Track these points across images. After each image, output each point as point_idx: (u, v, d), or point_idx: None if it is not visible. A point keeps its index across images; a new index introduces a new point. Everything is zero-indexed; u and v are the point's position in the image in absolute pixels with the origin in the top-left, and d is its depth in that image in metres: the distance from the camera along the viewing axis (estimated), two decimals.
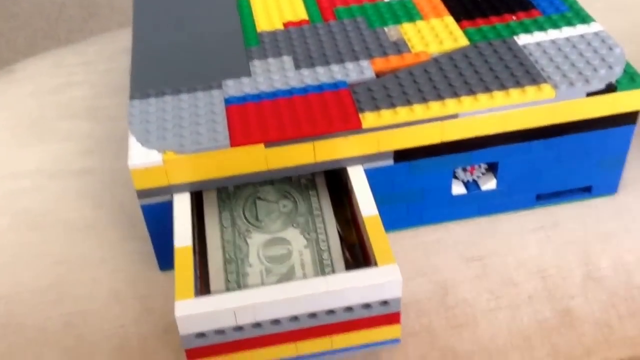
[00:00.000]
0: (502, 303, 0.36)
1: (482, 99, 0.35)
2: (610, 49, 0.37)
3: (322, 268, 0.33)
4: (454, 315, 0.36)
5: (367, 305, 0.30)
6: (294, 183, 0.37)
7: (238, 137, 0.34)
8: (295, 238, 0.35)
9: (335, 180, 0.38)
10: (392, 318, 0.31)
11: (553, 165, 0.38)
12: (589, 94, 0.35)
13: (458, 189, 0.38)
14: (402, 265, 0.32)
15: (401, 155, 0.36)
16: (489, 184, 0.38)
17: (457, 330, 0.35)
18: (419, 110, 0.35)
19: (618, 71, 0.36)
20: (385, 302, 0.30)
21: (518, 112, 0.35)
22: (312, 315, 0.30)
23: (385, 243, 0.31)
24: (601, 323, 0.35)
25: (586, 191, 0.39)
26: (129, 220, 0.43)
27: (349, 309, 0.30)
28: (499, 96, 0.35)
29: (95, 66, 0.55)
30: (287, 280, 0.33)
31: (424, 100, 0.35)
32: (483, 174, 0.38)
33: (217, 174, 0.35)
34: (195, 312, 0.29)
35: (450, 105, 0.35)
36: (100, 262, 0.40)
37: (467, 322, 0.35)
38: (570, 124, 0.36)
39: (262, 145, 0.34)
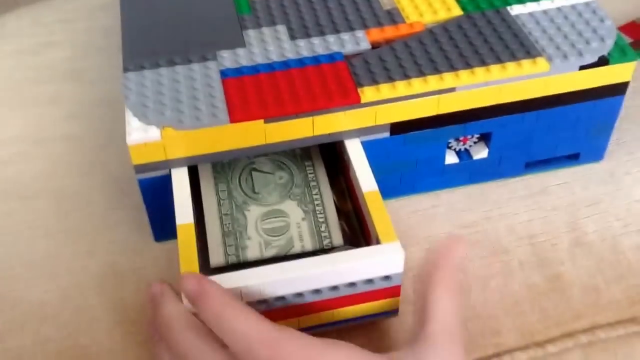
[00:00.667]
0: (494, 269, 0.37)
1: (479, 72, 0.35)
2: (602, 20, 0.37)
3: (321, 240, 0.34)
4: None
5: (369, 281, 0.31)
6: (289, 154, 0.37)
7: (237, 113, 0.33)
8: (293, 210, 0.35)
9: (328, 149, 0.38)
10: (393, 291, 0.32)
11: (543, 135, 0.38)
12: (582, 67, 0.36)
13: (451, 158, 0.39)
14: (397, 234, 0.33)
15: (398, 128, 0.36)
16: (481, 153, 0.38)
17: None
18: (417, 85, 0.34)
19: (609, 44, 0.36)
20: (387, 277, 0.31)
21: (513, 85, 0.35)
22: (316, 291, 0.31)
23: (386, 219, 0.32)
24: (589, 288, 0.36)
25: (574, 158, 0.40)
26: (119, 187, 0.42)
27: (352, 284, 0.31)
28: (495, 70, 0.35)
29: (74, 24, 0.52)
30: (285, 252, 0.33)
31: (421, 73, 0.35)
32: (475, 143, 0.39)
33: (215, 148, 0.34)
34: None
35: (448, 79, 0.35)
36: (93, 233, 0.40)
37: (460, 289, 0.36)
38: (563, 95, 0.37)
39: (261, 121, 0.34)
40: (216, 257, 0.33)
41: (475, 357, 0.34)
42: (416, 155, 0.37)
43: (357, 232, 0.35)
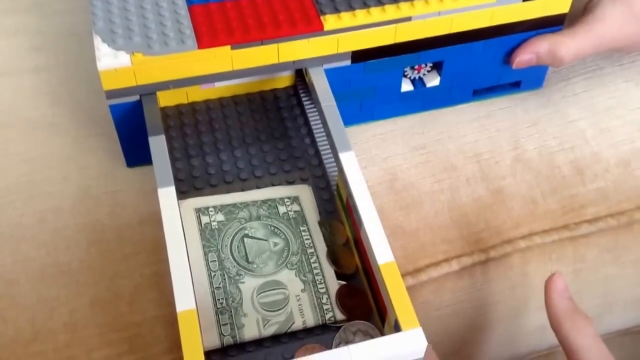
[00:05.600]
0: (444, 185, 0.38)
1: (433, 2, 0.35)
2: None
3: (323, 314, 0.30)
4: (402, 197, 0.38)
5: None
6: (283, 217, 0.33)
7: (205, 39, 0.33)
8: (291, 280, 0.30)
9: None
10: None
11: (489, 64, 0.39)
12: None
13: (406, 86, 0.39)
14: (357, 157, 0.31)
15: (358, 56, 0.36)
16: (434, 81, 0.39)
17: (404, 210, 0.37)
18: (375, 13, 0.34)
19: None
20: None
21: (463, 15, 0.36)
22: None
23: (405, 298, 0.27)
24: (527, 199, 0.38)
25: (516, 86, 0.41)
26: (89, 117, 0.41)
27: None
28: (447, 0, 0.35)
29: None
30: (286, 329, 0.29)
31: (379, 3, 0.35)
32: (428, 71, 0.39)
33: (184, 74, 0.34)
34: None
35: (404, 8, 0.35)
36: (67, 160, 0.39)
37: (413, 203, 0.37)
38: (507, 25, 0.37)
39: (228, 47, 0.33)
40: (210, 339, 0.29)
41: (426, 262, 0.36)
42: (375, 82, 0.38)
43: (368, 296, 0.31)
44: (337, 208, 0.34)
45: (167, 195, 0.30)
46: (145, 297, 0.34)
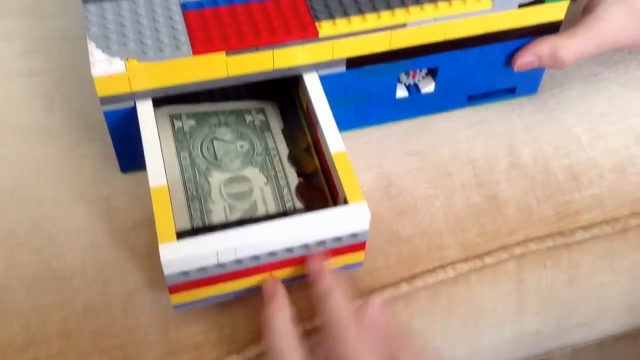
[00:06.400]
0: (439, 191, 0.38)
1: (428, 9, 0.35)
2: None
3: (284, 203, 0.33)
4: (397, 203, 0.38)
5: (338, 239, 0.31)
6: (249, 125, 0.36)
7: (200, 45, 0.33)
8: (255, 176, 0.34)
9: (284, 88, 0.37)
10: (359, 246, 0.32)
11: (484, 70, 0.39)
12: (521, 5, 0.36)
13: (401, 92, 0.39)
14: (351, 162, 0.32)
15: (353, 62, 0.36)
16: (428, 87, 0.39)
17: (399, 216, 0.37)
18: (370, 20, 0.34)
19: None
20: (354, 235, 0.31)
21: (458, 22, 0.36)
22: (289, 249, 0.31)
23: (353, 180, 0.31)
24: (522, 205, 0.38)
25: (511, 92, 0.41)
26: (82, 122, 0.41)
27: (322, 242, 0.31)
28: (442, 6, 0.35)
29: None
30: (250, 216, 0.32)
31: (375, 9, 0.35)
32: (423, 78, 0.39)
33: (179, 80, 0.34)
34: (181, 255, 0.29)
35: (399, 14, 0.35)
36: (60, 165, 0.39)
37: (408, 209, 0.37)
38: (502, 32, 0.37)
39: (223, 54, 0.33)
40: (181, 222, 0.31)
41: (422, 269, 0.36)
42: (370, 88, 0.38)
43: (324, 189, 0.34)
44: (299, 119, 0.37)
45: (144, 106, 0.34)
46: (139, 303, 0.34)
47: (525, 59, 0.37)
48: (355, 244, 0.32)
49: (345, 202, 0.31)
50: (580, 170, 0.39)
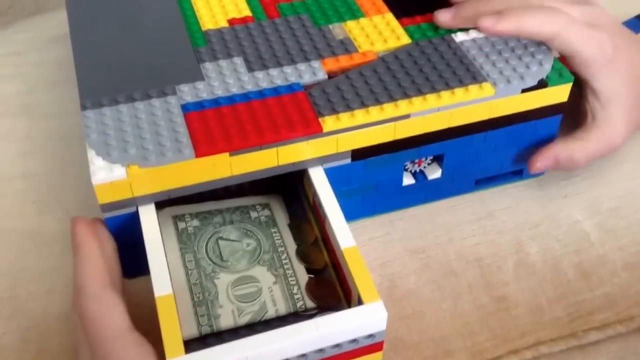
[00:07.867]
0: (445, 293, 0.36)
1: (431, 99, 0.35)
2: (538, 45, 0.38)
3: (294, 303, 0.32)
4: (402, 306, 0.36)
5: (354, 340, 0.30)
6: (254, 221, 0.35)
7: (202, 147, 0.32)
8: (263, 275, 0.33)
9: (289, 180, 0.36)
10: (377, 347, 0.30)
11: (490, 154, 0.39)
12: (524, 90, 0.36)
13: (407, 179, 0.38)
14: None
15: (358, 154, 0.35)
16: (435, 173, 0.38)
17: (404, 321, 0.35)
18: (374, 113, 0.34)
19: (547, 67, 0.37)
20: (371, 335, 0.30)
21: (462, 110, 0.36)
22: (302, 355, 0.29)
23: (367, 277, 0.30)
24: (533, 306, 0.36)
25: (518, 174, 0.41)
26: None
27: (337, 345, 0.29)
28: (445, 96, 0.35)
29: (25, 57, 0.49)
30: (260, 318, 0.31)
31: (377, 102, 0.34)
32: (429, 164, 0.39)
33: (182, 183, 0.33)
34: None
35: (402, 106, 0.34)
36: (52, 273, 0.37)
37: (413, 313, 0.36)
38: (507, 117, 0.37)
39: (226, 154, 0.32)
40: (188, 329, 0.30)
41: None
42: (376, 178, 0.37)
43: (336, 286, 0.33)
44: (305, 212, 0.36)
45: (147, 211, 0.33)
46: None
47: (544, 163, 0.38)
48: (372, 345, 0.30)
49: (360, 301, 0.30)
50: (591, 268, 0.37)
